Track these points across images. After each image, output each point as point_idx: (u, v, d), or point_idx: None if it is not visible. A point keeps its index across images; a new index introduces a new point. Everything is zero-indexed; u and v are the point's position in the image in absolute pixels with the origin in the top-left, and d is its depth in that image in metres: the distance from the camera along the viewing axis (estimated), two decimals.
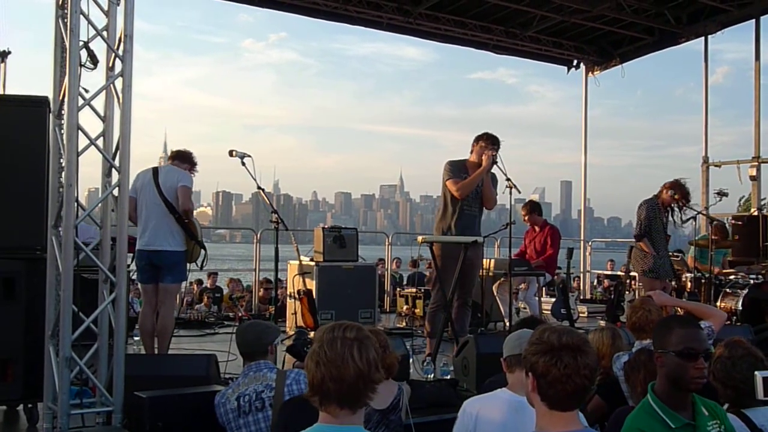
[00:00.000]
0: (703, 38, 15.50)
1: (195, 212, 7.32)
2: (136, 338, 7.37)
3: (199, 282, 15.60)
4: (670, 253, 9.68)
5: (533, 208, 10.73)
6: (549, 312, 10.57)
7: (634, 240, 8.88)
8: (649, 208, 8.67)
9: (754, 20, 14.85)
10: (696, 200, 13.64)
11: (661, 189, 8.75)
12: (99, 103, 5.06)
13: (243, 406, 4.26)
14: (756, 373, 2.11)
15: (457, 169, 7.80)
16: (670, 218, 8.83)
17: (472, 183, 7.69)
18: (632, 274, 9.78)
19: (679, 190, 8.66)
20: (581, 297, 15.36)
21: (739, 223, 13.17)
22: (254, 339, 4.55)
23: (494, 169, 7.79)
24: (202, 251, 7.08)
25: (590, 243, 17.22)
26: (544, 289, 11.30)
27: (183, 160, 7.26)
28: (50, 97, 5.22)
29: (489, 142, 7.73)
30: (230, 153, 7.38)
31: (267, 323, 5.04)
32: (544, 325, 2.86)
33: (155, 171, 7.01)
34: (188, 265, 7.09)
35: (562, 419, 2.63)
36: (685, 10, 14.96)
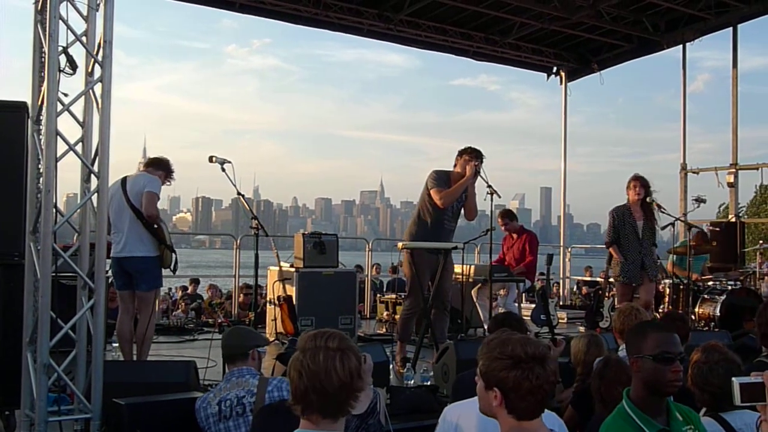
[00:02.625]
0: (681, 46, 15.65)
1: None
2: (114, 344, 7.33)
3: (184, 288, 15.56)
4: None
5: (510, 216, 10.79)
6: (529, 318, 10.61)
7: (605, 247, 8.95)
8: (616, 215, 8.72)
9: (731, 28, 15.01)
10: (674, 207, 13.78)
11: (627, 194, 8.81)
12: (78, 108, 5.04)
13: (224, 410, 4.25)
14: (733, 379, 2.13)
15: (442, 180, 7.82)
16: (657, 217, 8.85)
17: (455, 192, 7.72)
18: (611, 280, 9.84)
19: (630, 183, 8.72)
20: (561, 303, 15.42)
21: (717, 229, 13.29)
22: (235, 343, 4.57)
23: (477, 182, 7.83)
24: (173, 255, 7.05)
25: (570, 249, 17.29)
26: (524, 295, 11.33)
27: (157, 167, 7.23)
28: (29, 102, 5.19)
29: (473, 155, 7.76)
30: (210, 159, 7.38)
31: (251, 329, 5.02)
32: (498, 335, 2.77)
33: (124, 179, 7.01)
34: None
35: (531, 427, 2.64)
36: (663, 18, 15.09)
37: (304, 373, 2.47)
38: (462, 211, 8.01)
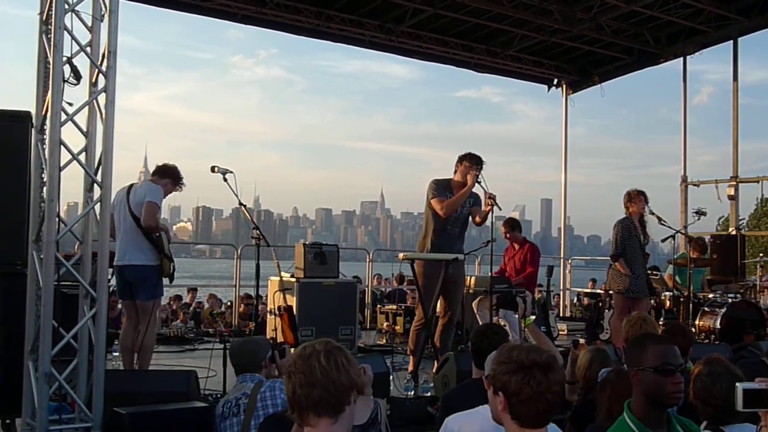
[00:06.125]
0: (681, 59, 15.70)
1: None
2: (115, 353, 7.33)
3: (179, 298, 15.54)
4: (648, 271, 9.73)
5: (514, 225, 10.76)
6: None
7: (611, 260, 8.91)
8: (623, 228, 8.70)
9: (732, 41, 15.05)
10: (674, 219, 13.78)
11: (625, 207, 8.83)
12: (82, 118, 5.07)
13: (225, 411, 4.46)
14: (737, 384, 2.17)
15: (442, 188, 7.84)
16: (648, 231, 8.89)
17: (456, 202, 7.73)
18: (611, 292, 9.84)
19: (636, 197, 8.76)
20: (561, 315, 15.41)
21: (718, 242, 13.29)
22: (249, 358, 4.72)
23: (476, 189, 7.84)
24: (171, 264, 7.04)
25: (570, 261, 17.28)
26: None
27: (162, 175, 7.24)
28: (33, 111, 5.22)
29: (473, 162, 7.76)
30: (212, 169, 7.38)
31: (257, 340, 5.11)
32: (509, 343, 2.86)
33: (130, 187, 7.04)
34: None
35: None
36: (664, 31, 15.13)
37: (292, 373, 2.53)
38: (469, 215, 7.99)
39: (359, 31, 14.38)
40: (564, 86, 17.39)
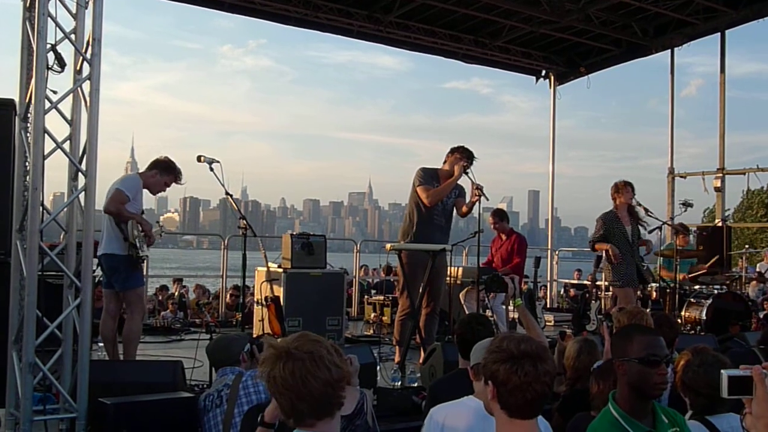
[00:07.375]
0: (669, 51, 15.72)
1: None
2: (100, 344, 7.29)
3: (164, 288, 15.48)
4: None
5: (501, 216, 10.77)
6: (516, 320, 10.60)
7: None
8: (605, 220, 8.73)
9: (719, 33, 15.09)
10: (661, 211, 13.84)
11: (612, 198, 8.84)
12: (66, 106, 5.02)
13: (207, 405, 4.49)
14: (722, 371, 2.19)
15: (429, 177, 7.84)
16: (643, 219, 8.88)
17: (442, 192, 7.73)
18: (598, 283, 9.85)
19: (623, 188, 8.76)
20: (547, 306, 15.44)
21: (704, 233, 13.34)
22: (225, 354, 4.79)
23: (462, 182, 7.83)
24: (138, 252, 6.97)
25: (557, 252, 17.33)
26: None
27: (151, 166, 7.19)
28: (16, 99, 5.17)
29: (464, 154, 7.77)
30: (198, 158, 7.34)
31: (232, 335, 5.16)
32: (502, 333, 2.87)
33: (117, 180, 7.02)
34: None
35: (523, 427, 2.65)
36: (652, 23, 15.16)
37: (283, 394, 2.45)
38: (454, 207, 8.01)
39: (347, 21, 14.34)
40: (552, 78, 17.41)
